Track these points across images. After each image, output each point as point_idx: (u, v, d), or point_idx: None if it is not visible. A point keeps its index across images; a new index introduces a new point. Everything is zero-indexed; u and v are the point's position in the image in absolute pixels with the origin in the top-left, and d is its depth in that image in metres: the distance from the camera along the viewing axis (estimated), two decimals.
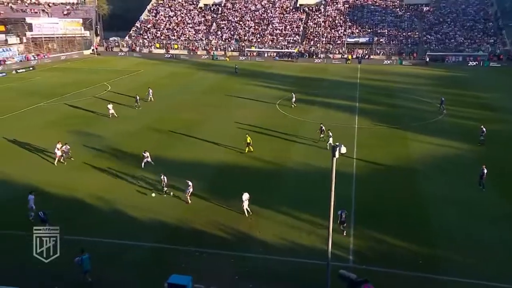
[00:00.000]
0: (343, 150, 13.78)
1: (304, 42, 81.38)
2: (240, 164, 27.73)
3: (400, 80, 58.58)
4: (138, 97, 41.74)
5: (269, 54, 79.54)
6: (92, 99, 45.38)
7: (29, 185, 23.94)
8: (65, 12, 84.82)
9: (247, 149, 29.23)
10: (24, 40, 77.42)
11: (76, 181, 24.89)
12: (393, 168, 27.15)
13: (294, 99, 42.49)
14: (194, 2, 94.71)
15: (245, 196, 21.05)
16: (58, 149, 27.01)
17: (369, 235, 19.60)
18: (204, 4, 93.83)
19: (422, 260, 17.85)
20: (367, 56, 76.39)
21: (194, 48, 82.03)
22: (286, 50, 79.45)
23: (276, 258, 17.98)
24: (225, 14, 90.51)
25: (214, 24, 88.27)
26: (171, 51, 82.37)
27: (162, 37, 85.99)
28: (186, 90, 50.53)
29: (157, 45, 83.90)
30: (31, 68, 66.22)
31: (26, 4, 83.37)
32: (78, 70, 66.25)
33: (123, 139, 32.47)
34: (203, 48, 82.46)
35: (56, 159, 27.11)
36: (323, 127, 31.79)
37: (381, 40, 79.18)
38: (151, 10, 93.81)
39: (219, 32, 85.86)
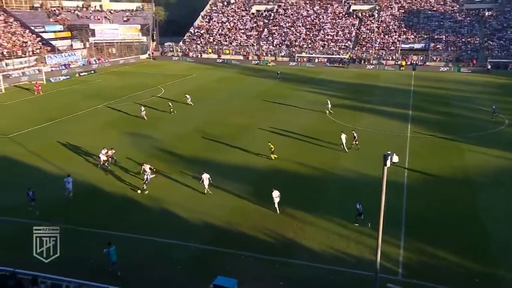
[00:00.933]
0: (395, 159, 13.33)
1: (356, 48, 79.95)
2: (287, 169, 27.63)
3: (457, 87, 55.90)
4: (171, 104, 42.53)
5: (319, 60, 78.89)
6: (146, 102, 47.13)
7: (85, 182, 25.27)
8: (124, 19, 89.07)
9: (273, 156, 29.14)
10: (87, 45, 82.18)
11: (128, 181, 25.88)
12: (447, 180, 25.89)
13: (329, 106, 41.86)
14: (247, 8, 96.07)
15: (275, 193, 21.71)
16: (103, 154, 27.74)
17: (420, 248, 18.77)
18: (257, 10, 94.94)
19: (478, 278, 16.83)
20: (422, 63, 73.66)
21: (247, 54, 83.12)
22: (337, 56, 78.42)
23: (321, 266, 17.66)
24: (277, 20, 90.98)
25: (265, 29, 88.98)
26: (223, 56, 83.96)
27: (215, 43, 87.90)
28: (236, 95, 51.22)
29: (210, 50, 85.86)
30: (92, 72, 70.05)
31: (90, 12, 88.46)
32: (135, 73, 69.18)
33: (173, 141, 33.42)
34: (254, 53, 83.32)
35: (100, 163, 27.73)
36: (355, 134, 31.44)
37: (437, 46, 76.06)
38: (205, 16, 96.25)
39: (270, 38, 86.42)
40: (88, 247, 18.49)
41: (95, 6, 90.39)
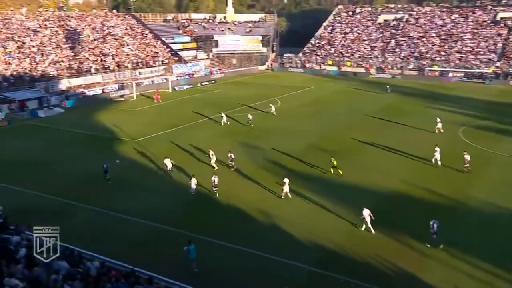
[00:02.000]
0: None
1: (501, 61, 72.35)
2: (411, 194, 26.12)
3: None
4: (251, 117, 43.32)
5: (453, 74, 73.22)
6: (263, 113, 49.00)
7: (202, 188, 27.09)
8: (247, 30, 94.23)
9: (332, 170, 29.30)
10: (210, 56, 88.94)
11: (240, 191, 26.96)
12: None
13: (439, 124, 39.30)
14: (373, 18, 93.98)
15: (366, 212, 21.75)
16: (212, 155, 31.20)
17: None
18: (384, 20, 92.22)
19: None
20: None
21: (369, 66, 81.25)
22: (477, 70, 71.85)
23: None
24: (406, 29, 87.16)
25: (392, 40, 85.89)
26: (343, 69, 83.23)
27: (335, 54, 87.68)
28: (353, 109, 50.25)
29: (330, 62, 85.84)
30: (213, 82, 75.20)
31: (216, 23, 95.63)
32: (253, 84, 72.36)
33: (286, 154, 33.94)
34: (377, 66, 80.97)
35: (213, 162, 31.13)
36: (467, 156, 29.32)
37: None
38: (327, 27, 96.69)
39: (397, 50, 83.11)
40: (200, 254, 19.60)
41: (220, 18, 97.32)
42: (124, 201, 25.75)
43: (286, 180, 25.73)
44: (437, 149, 30.69)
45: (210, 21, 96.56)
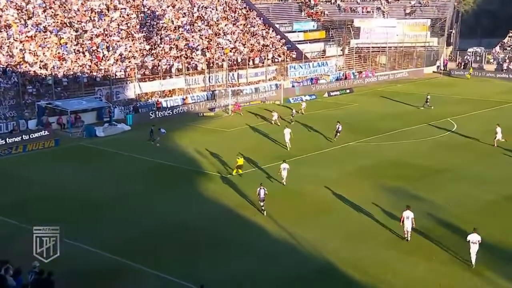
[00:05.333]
0: None
1: None
2: None
3: None
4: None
5: None
6: (432, 141, 48.37)
7: (320, 256, 27.08)
8: (407, 11, 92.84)
9: (235, 170, 39.03)
10: (346, 51, 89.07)
11: (396, 262, 26.52)
12: None
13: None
14: None
15: (475, 237, 24.64)
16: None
17: None
18: None
19: None
20: None
21: None
22: None
23: None
24: None
25: None
26: None
27: None
28: None
29: None
30: (347, 91, 75.45)
31: (358, 1, 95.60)
32: (411, 96, 71.09)
33: (468, 212, 32.72)
34: None
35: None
36: None
37: None
38: None
39: None
40: None
41: None
42: (210, 268, 26.23)
43: (408, 214, 28.11)
44: None
45: None
